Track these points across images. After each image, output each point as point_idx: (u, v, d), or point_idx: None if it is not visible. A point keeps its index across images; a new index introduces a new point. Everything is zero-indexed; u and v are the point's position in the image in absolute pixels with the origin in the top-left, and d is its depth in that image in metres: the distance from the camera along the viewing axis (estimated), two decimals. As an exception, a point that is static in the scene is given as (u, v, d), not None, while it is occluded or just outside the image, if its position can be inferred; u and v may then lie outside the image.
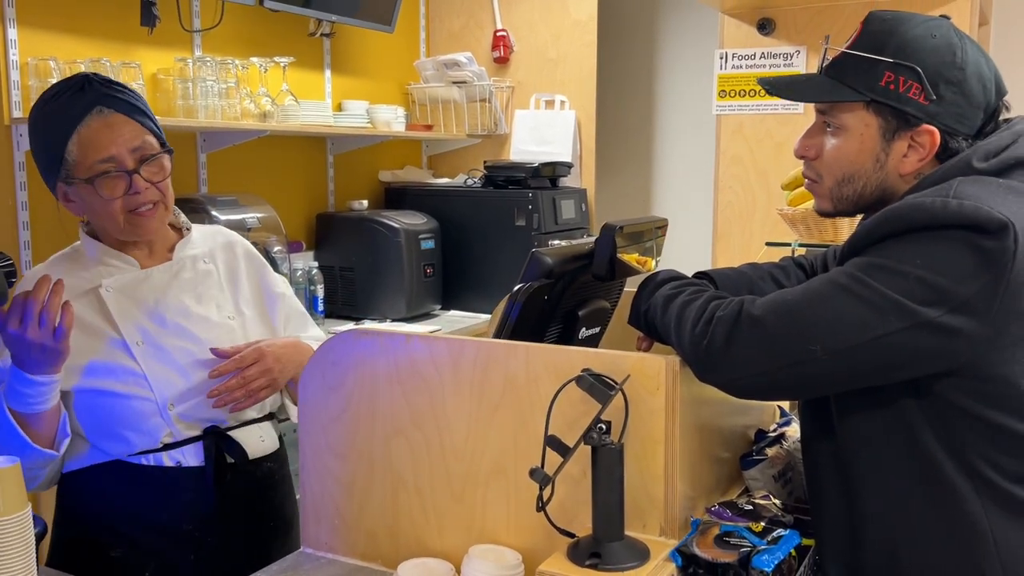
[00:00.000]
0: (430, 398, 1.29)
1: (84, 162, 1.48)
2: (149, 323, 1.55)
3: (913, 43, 1.18)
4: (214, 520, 1.56)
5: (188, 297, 1.60)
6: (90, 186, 1.48)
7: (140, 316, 1.55)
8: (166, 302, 1.57)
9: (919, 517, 1.16)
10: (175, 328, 1.56)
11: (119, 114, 1.50)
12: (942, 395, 1.12)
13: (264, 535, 1.64)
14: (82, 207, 1.54)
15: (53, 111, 1.50)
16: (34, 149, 1.56)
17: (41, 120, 1.53)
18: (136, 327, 1.54)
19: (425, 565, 1.25)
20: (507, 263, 3.35)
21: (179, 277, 1.61)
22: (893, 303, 1.07)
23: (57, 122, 1.48)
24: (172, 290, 1.59)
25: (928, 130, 1.18)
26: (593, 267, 1.40)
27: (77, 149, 1.48)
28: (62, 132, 1.48)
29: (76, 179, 1.50)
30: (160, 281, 1.59)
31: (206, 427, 1.56)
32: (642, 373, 1.17)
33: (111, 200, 1.49)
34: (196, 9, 2.94)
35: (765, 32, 3.13)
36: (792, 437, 1.46)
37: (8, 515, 1.13)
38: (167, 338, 1.55)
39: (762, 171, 3.17)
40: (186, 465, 1.54)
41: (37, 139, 1.54)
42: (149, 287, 1.57)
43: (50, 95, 1.53)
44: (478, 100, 3.80)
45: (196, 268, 1.64)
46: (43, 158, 1.54)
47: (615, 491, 1.12)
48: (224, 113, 2.83)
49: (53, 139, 1.49)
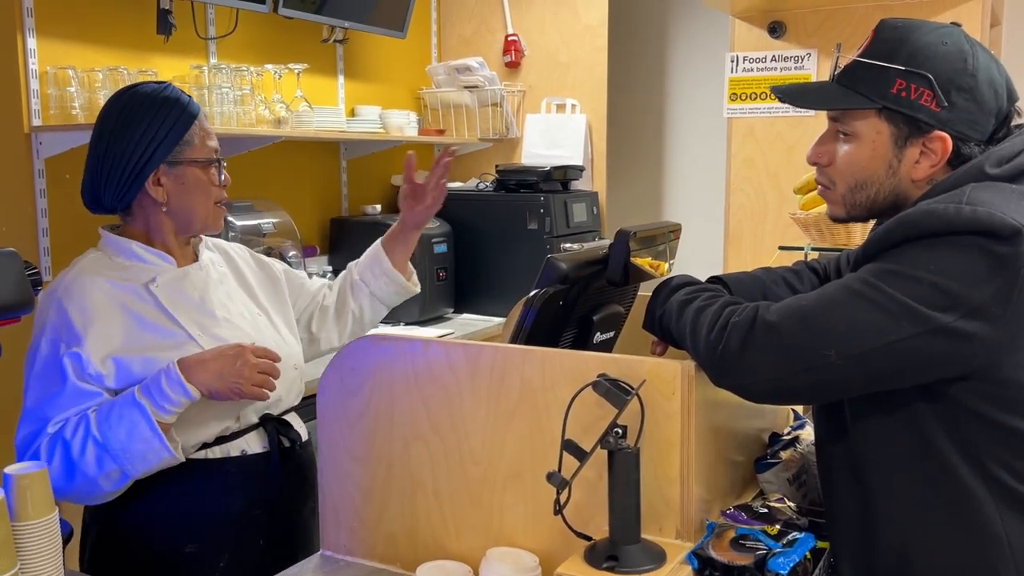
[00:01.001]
0: (448, 403, 1.31)
1: (203, 147, 1.61)
2: (202, 317, 1.61)
3: (925, 50, 1.19)
4: (279, 503, 1.63)
5: (222, 295, 1.68)
6: (206, 168, 1.61)
7: (191, 310, 1.60)
8: (209, 298, 1.64)
9: (933, 520, 1.16)
10: (225, 322, 1.63)
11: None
12: (956, 399, 1.13)
13: (307, 516, 1.71)
14: (175, 190, 1.59)
15: (170, 99, 1.58)
16: (134, 132, 1.56)
17: (158, 104, 1.57)
18: (192, 321, 1.59)
19: (443, 568, 1.27)
20: (519, 266, 3.36)
21: (210, 276, 1.68)
22: (907, 308, 1.08)
23: (181, 108, 1.59)
24: (210, 288, 1.66)
25: (940, 136, 1.19)
26: (607, 272, 1.42)
27: (199, 133, 1.61)
28: (188, 115, 1.59)
29: (194, 160, 1.59)
30: (198, 279, 1.65)
31: (261, 415, 1.64)
32: (658, 377, 1.18)
33: (212, 187, 1.62)
34: (211, 17, 2.97)
35: (776, 35, 3.14)
36: (806, 440, 1.47)
37: (36, 519, 1.16)
38: (220, 329, 1.61)
39: (773, 174, 3.18)
40: (251, 452, 1.61)
41: (151, 120, 1.56)
42: (191, 284, 1.63)
43: (153, 88, 1.60)
44: (489, 104, 3.82)
45: (219, 269, 1.72)
46: (155, 137, 1.56)
47: (631, 494, 1.14)
48: (239, 120, 2.86)
49: (178, 120, 1.58)
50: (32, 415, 1.49)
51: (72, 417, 1.47)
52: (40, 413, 1.48)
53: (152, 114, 1.57)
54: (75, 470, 1.45)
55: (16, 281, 1.25)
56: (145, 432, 1.44)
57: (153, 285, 1.58)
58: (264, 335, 1.68)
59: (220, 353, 1.51)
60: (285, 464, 1.64)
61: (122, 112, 1.58)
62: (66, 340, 1.49)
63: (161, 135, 1.56)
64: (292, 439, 1.67)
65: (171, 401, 1.46)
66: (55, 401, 1.48)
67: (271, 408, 1.66)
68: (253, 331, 1.66)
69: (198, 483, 1.56)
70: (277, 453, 1.63)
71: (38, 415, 1.49)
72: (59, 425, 1.47)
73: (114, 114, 1.59)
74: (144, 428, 1.44)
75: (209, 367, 1.48)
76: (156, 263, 1.61)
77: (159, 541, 1.56)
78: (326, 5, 3.21)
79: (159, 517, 1.56)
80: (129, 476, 1.47)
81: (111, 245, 1.62)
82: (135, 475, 1.48)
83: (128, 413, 1.44)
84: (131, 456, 1.45)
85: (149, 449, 1.45)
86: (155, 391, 1.46)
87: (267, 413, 1.65)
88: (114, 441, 1.43)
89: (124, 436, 1.44)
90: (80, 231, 2.58)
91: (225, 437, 1.59)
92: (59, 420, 1.47)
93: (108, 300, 1.54)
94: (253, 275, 1.80)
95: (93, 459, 1.44)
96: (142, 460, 1.46)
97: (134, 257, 1.60)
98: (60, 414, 1.47)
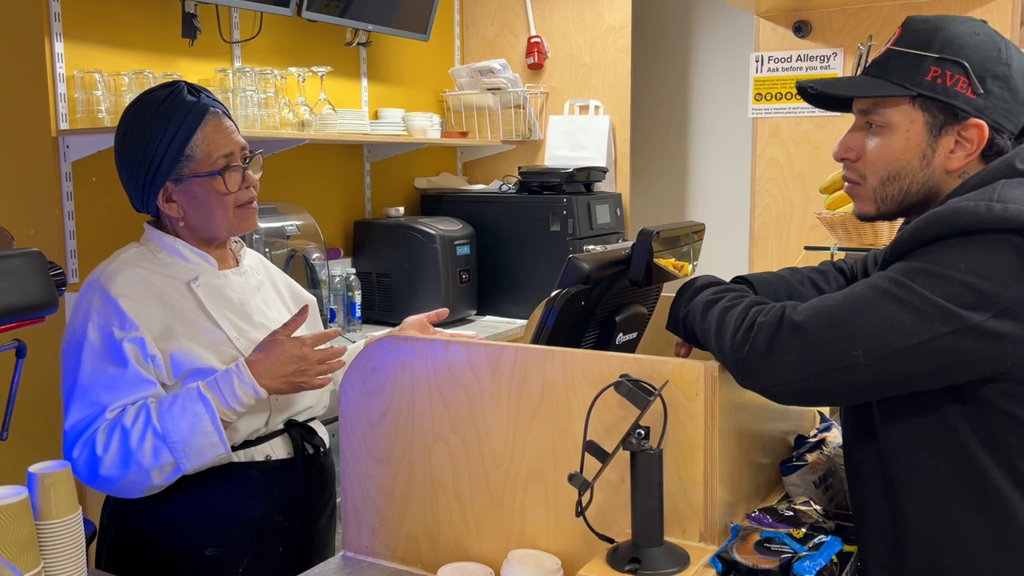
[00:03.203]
0: (469, 404, 1.30)
1: (209, 157, 1.56)
2: (240, 320, 1.62)
3: (958, 39, 1.18)
4: (300, 509, 1.63)
5: (259, 301, 1.69)
6: (214, 181, 1.56)
7: (230, 313, 1.61)
8: (248, 302, 1.65)
9: (964, 523, 1.14)
10: (261, 327, 1.64)
11: (226, 117, 1.61)
12: (986, 400, 1.10)
13: (326, 522, 1.72)
14: (188, 205, 1.58)
15: (170, 109, 1.55)
16: (137, 150, 1.57)
17: (157, 119, 1.55)
18: (230, 323, 1.60)
19: (465, 569, 1.26)
20: (542, 268, 3.35)
21: (249, 282, 1.69)
22: (937, 307, 1.06)
23: (180, 120, 1.55)
24: (248, 293, 1.67)
25: (976, 124, 1.17)
26: (630, 272, 1.40)
27: (202, 144, 1.56)
28: (187, 128, 1.55)
29: (197, 174, 1.55)
30: (237, 284, 1.66)
31: (285, 420, 1.64)
32: (681, 378, 1.17)
33: (228, 194, 1.58)
34: (236, 21, 2.99)
35: (801, 35, 3.11)
36: (832, 442, 1.44)
37: (60, 518, 1.16)
38: (258, 333, 1.61)
39: (799, 174, 3.15)
40: (275, 458, 1.61)
41: (150, 138, 1.55)
42: (230, 287, 1.64)
43: (159, 97, 1.57)
44: (512, 106, 3.82)
45: (256, 276, 1.73)
46: (155, 156, 1.55)
47: (654, 496, 1.12)
48: (263, 122, 2.87)
49: (176, 136, 1.54)
50: (85, 399, 1.47)
51: (131, 405, 1.47)
52: (95, 397, 1.47)
53: (150, 134, 1.55)
54: (131, 459, 1.45)
55: (41, 281, 1.26)
56: (207, 426, 1.46)
57: (195, 284, 1.59)
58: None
59: (285, 353, 1.51)
60: (308, 471, 1.64)
61: (127, 130, 1.59)
62: (119, 325, 1.48)
63: (160, 154, 1.55)
64: (316, 445, 1.67)
65: (239, 400, 1.48)
66: (114, 385, 1.47)
67: (298, 414, 1.67)
68: None
69: (222, 486, 1.56)
70: (301, 459, 1.63)
71: (92, 399, 1.47)
72: (117, 411, 1.47)
73: (121, 130, 1.60)
74: (207, 422, 1.45)
75: (277, 370, 1.50)
76: (198, 263, 1.62)
77: (179, 543, 1.57)
78: (350, 8, 3.22)
79: (181, 519, 1.56)
80: (181, 470, 1.48)
81: (155, 240, 1.63)
82: (187, 469, 1.48)
83: (192, 406, 1.46)
84: (189, 449, 1.46)
85: (208, 444, 1.46)
86: (225, 388, 1.47)
87: (292, 419, 1.66)
88: (175, 432, 1.44)
89: (186, 428, 1.45)
90: (107, 233, 2.61)
91: (251, 441, 1.60)
92: (116, 407, 1.47)
93: (149, 289, 1.54)
94: (288, 292, 1.81)
95: (150, 449, 1.44)
96: (199, 454, 1.47)
97: (177, 255, 1.61)
98: (118, 400, 1.47)
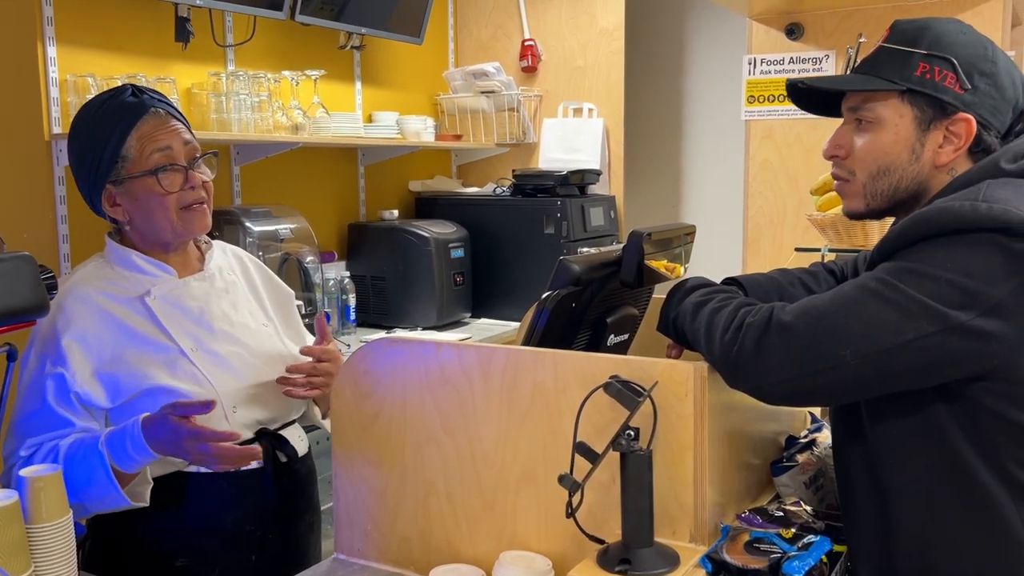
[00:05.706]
0: (460, 406, 1.31)
1: (143, 155, 1.53)
2: (198, 330, 1.58)
3: (946, 36, 1.20)
4: (273, 519, 1.61)
5: (226, 305, 1.64)
6: (148, 180, 1.53)
7: (188, 324, 1.58)
8: (209, 310, 1.61)
9: (953, 523, 1.15)
10: (223, 334, 1.60)
11: (171, 116, 1.58)
12: (974, 399, 1.11)
13: (303, 531, 1.69)
14: (131, 208, 1.56)
15: (110, 111, 1.54)
16: (81, 153, 1.57)
17: (96, 121, 1.55)
18: (187, 334, 1.57)
19: (457, 571, 1.26)
20: (536, 271, 3.35)
21: (214, 286, 1.65)
22: (924, 307, 1.07)
23: (116, 120, 1.54)
24: (212, 298, 1.63)
25: (964, 118, 1.18)
26: (621, 274, 1.41)
27: (136, 144, 1.53)
28: (122, 129, 1.53)
29: (132, 175, 1.53)
30: (199, 290, 1.62)
31: (256, 429, 1.60)
32: (670, 379, 1.17)
33: (168, 195, 1.53)
34: (229, 24, 3.00)
35: (794, 37, 3.12)
36: (823, 443, 1.45)
37: (51, 521, 1.16)
38: (218, 344, 1.58)
39: (792, 176, 3.16)
40: (244, 468, 1.57)
41: (90, 141, 1.55)
42: (190, 295, 1.60)
43: (102, 100, 1.57)
44: (506, 109, 3.82)
45: (225, 278, 1.69)
46: (94, 159, 1.55)
47: (644, 497, 1.13)
48: (257, 126, 2.87)
49: (111, 137, 1.53)
50: (14, 430, 1.50)
51: (46, 443, 1.47)
52: (20, 430, 1.49)
53: (87, 138, 1.55)
54: None
55: (31, 285, 1.26)
56: (102, 480, 1.43)
57: (148, 298, 1.56)
58: (266, 346, 1.65)
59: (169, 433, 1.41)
60: (279, 480, 1.61)
61: (72, 136, 1.59)
62: (52, 359, 1.47)
63: (99, 155, 1.54)
64: (288, 454, 1.63)
65: (132, 459, 1.43)
66: (32, 419, 1.48)
67: (268, 423, 1.62)
68: (254, 343, 1.63)
69: (191, 497, 1.54)
70: (272, 469, 1.59)
71: (16, 431, 1.50)
72: (31, 451, 1.47)
73: (69, 136, 1.60)
74: (101, 476, 1.43)
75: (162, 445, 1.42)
76: (155, 274, 1.58)
77: (150, 554, 1.55)
78: (343, 12, 3.22)
79: (151, 530, 1.55)
80: (92, 512, 1.49)
81: (112, 253, 1.61)
82: (97, 512, 1.49)
83: (89, 458, 1.43)
84: (89, 498, 1.45)
85: (106, 495, 1.44)
86: (117, 447, 1.43)
87: (263, 428, 1.61)
88: (74, 481, 1.41)
89: (83, 479, 1.43)
90: (100, 237, 2.60)
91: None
92: (32, 444, 1.47)
93: (99, 313, 1.52)
94: (264, 286, 1.76)
95: None
96: (99, 503, 1.46)
97: (133, 268, 1.58)
98: (34, 436, 1.47)
